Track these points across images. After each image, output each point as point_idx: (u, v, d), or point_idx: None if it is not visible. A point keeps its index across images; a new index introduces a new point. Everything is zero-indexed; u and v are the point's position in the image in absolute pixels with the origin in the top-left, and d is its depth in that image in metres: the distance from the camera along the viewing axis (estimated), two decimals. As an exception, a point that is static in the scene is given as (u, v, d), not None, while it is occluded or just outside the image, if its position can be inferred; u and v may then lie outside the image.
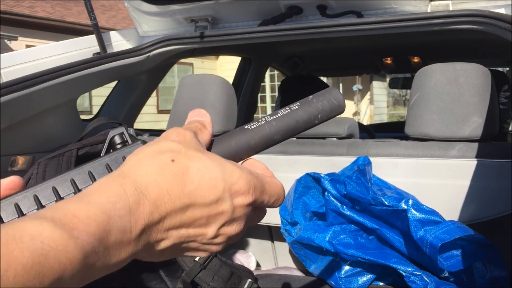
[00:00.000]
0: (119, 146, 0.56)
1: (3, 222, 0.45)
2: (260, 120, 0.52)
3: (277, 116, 0.52)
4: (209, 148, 0.50)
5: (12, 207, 0.45)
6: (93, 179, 0.49)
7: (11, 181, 0.46)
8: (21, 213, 0.45)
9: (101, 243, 0.35)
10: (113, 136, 0.56)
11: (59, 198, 0.47)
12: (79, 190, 0.48)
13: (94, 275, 0.36)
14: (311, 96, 0.54)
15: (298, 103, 0.53)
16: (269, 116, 0.52)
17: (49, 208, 0.36)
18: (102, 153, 0.54)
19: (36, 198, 0.46)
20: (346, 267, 1.43)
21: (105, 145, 0.56)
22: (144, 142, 0.52)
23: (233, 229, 0.44)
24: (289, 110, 0.53)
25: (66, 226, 0.34)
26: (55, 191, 0.47)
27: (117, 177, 0.40)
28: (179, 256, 0.45)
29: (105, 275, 0.38)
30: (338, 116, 0.57)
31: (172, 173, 0.41)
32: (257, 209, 0.47)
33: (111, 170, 0.49)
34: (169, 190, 0.40)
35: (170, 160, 0.41)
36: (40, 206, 0.46)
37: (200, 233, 0.43)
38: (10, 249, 0.30)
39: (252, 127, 0.51)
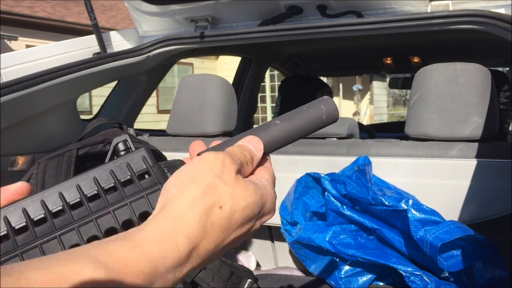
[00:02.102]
0: (122, 152, 0.57)
1: (11, 226, 0.46)
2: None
3: (275, 126, 0.55)
4: None
5: (20, 212, 0.47)
6: (98, 185, 0.50)
7: (19, 187, 0.47)
8: (28, 218, 0.47)
9: None
10: (117, 143, 0.58)
11: (65, 203, 0.48)
12: (85, 196, 0.49)
13: None
14: (305, 107, 0.56)
15: (293, 115, 0.56)
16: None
17: (102, 249, 0.38)
18: (107, 160, 0.55)
19: (43, 203, 0.48)
20: (346, 267, 1.43)
21: (109, 152, 0.58)
22: (147, 149, 0.53)
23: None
24: (286, 122, 0.55)
25: (118, 276, 0.36)
26: (61, 196, 0.49)
27: (171, 228, 0.41)
28: None
29: None
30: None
31: (220, 223, 0.43)
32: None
33: (115, 176, 0.51)
34: (215, 239, 0.43)
35: (219, 207, 0.43)
36: (47, 211, 0.48)
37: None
38: None
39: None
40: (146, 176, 0.52)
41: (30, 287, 0.31)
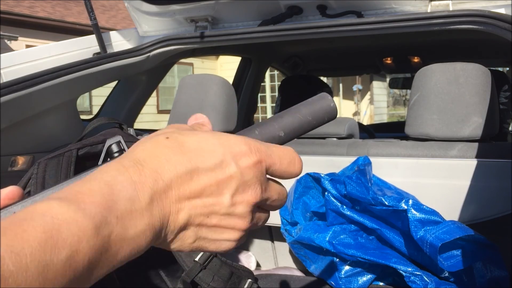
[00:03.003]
0: (116, 154, 0.56)
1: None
2: (255, 130, 0.52)
3: (266, 127, 0.52)
4: None
5: None
6: None
7: (10, 191, 0.46)
8: None
9: (111, 213, 0.36)
10: (110, 145, 0.57)
11: None
12: None
13: (116, 250, 0.36)
14: (302, 106, 0.54)
15: (289, 112, 0.53)
16: (258, 129, 0.52)
17: (58, 192, 0.37)
18: (100, 162, 0.54)
19: None
20: (346, 267, 1.43)
21: (103, 154, 0.57)
22: None
23: (250, 194, 0.43)
24: (281, 120, 0.53)
25: (72, 200, 0.35)
26: None
27: (117, 160, 0.41)
28: (211, 245, 0.44)
29: (109, 272, 0.37)
30: (338, 116, 0.57)
31: (168, 146, 0.41)
32: (273, 176, 0.46)
33: None
34: (168, 158, 0.40)
35: (165, 138, 0.42)
36: None
37: (214, 202, 0.41)
38: (23, 229, 0.31)
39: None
40: None
41: None
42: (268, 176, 0.46)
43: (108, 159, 0.54)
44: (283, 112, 0.53)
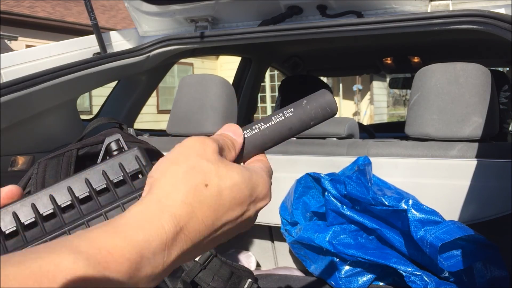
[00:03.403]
0: (115, 152, 0.56)
1: (3, 233, 0.45)
2: (254, 128, 0.51)
3: (270, 124, 0.52)
4: None
5: (10, 216, 0.46)
6: (90, 187, 0.49)
7: (9, 190, 0.46)
8: (19, 222, 0.45)
9: (131, 280, 0.36)
10: (109, 143, 0.56)
11: (56, 206, 0.47)
12: (76, 198, 0.48)
13: None
14: (304, 101, 0.54)
15: (292, 109, 0.53)
16: (262, 123, 0.52)
17: (84, 237, 0.36)
18: (99, 160, 0.54)
19: (34, 207, 0.47)
20: (346, 267, 1.43)
21: (101, 152, 0.56)
22: (140, 148, 0.52)
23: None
24: (283, 118, 0.52)
25: (100, 265, 0.34)
26: (52, 199, 0.48)
27: (155, 209, 0.40)
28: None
29: None
30: (338, 116, 0.57)
31: (207, 201, 0.42)
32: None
33: (108, 177, 0.49)
34: (205, 219, 0.41)
35: (204, 185, 0.42)
36: (38, 214, 0.46)
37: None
38: (41, 285, 0.31)
39: (246, 135, 0.51)
40: (140, 176, 0.50)
41: (6, 286, 0.29)
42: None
43: (108, 157, 0.54)
44: (284, 109, 0.53)
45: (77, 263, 0.33)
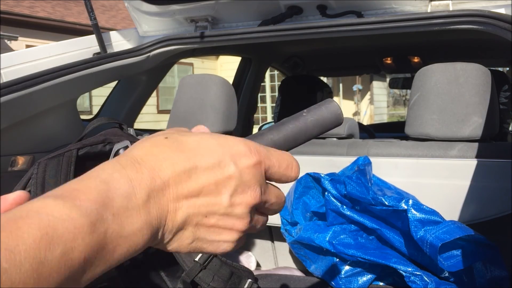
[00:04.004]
0: None
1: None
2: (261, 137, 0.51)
3: (272, 136, 0.51)
4: None
5: None
6: None
7: (17, 196, 0.46)
8: None
9: (107, 210, 0.36)
10: (118, 150, 0.56)
11: None
12: None
13: (112, 248, 0.36)
14: (307, 112, 0.52)
15: (295, 121, 0.52)
16: (266, 135, 0.51)
17: (55, 190, 0.37)
18: None
19: None
20: (346, 267, 1.43)
21: (110, 158, 0.57)
22: None
23: (249, 195, 0.42)
24: (286, 129, 0.51)
25: (68, 197, 0.35)
26: None
27: (115, 159, 0.40)
28: (209, 246, 0.43)
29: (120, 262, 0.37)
30: None
31: (166, 145, 0.41)
32: (270, 179, 0.46)
33: None
34: (166, 156, 0.40)
35: (163, 137, 0.42)
36: None
37: (213, 202, 0.41)
38: (18, 226, 0.31)
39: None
40: None
41: None
42: (266, 181, 0.46)
43: None
44: (287, 119, 0.53)
45: (45, 201, 0.34)
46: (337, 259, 1.43)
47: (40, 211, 0.33)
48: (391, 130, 3.50)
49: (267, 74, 10.22)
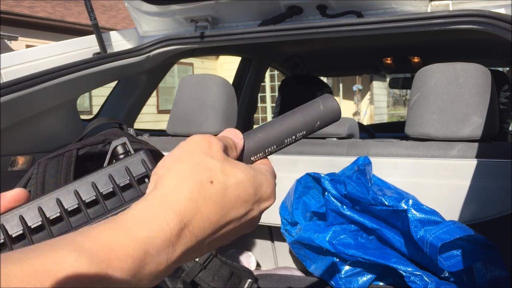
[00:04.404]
0: (121, 156, 0.55)
1: (10, 236, 0.45)
2: (254, 133, 0.51)
3: (270, 129, 0.52)
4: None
5: (17, 219, 0.46)
6: (96, 190, 0.48)
7: (16, 194, 0.46)
8: (25, 225, 0.45)
9: (135, 277, 0.35)
10: (116, 146, 0.56)
11: (63, 210, 0.47)
12: (83, 202, 0.48)
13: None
14: (306, 106, 0.53)
15: (293, 115, 0.52)
16: (263, 129, 0.52)
17: (87, 234, 0.35)
18: (105, 164, 0.54)
19: (41, 210, 0.47)
20: (346, 267, 1.43)
21: (108, 156, 0.56)
22: (147, 152, 0.51)
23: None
24: (284, 123, 0.52)
25: (103, 263, 0.34)
26: (59, 202, 0.47)
27: (160, 205, 0.39)
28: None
29: None
30: None
31: (213, 198, 0.41)
32: None
33: (114, 181, 0.49)
34: (210, 216, 0.41)
35: (209, 181, 0.42)
36: (45, 218, 0.46)
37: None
38: (43, 284, 0.30)
39: (247, 139, 0.51)
40: (146, 180, 0.50)
41: (7, 285, 0.29)
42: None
43: (114, 160, 0.54)
44: (286, 114, 0.53)
45: (80, 260, 0.32)
46: (337, 259, 1.43)
47: (70, 276, 0.32)
48: (391, 130, 3.50)
49: (267, 74, 10.22)
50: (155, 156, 0.53)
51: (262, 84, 4.01)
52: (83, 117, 2.15)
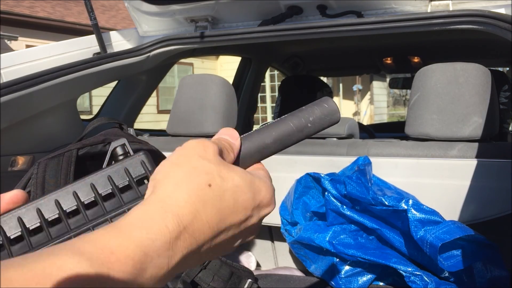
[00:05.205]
0: (121, 157, 0.55)
1: (8, 238, 0.45)
2: (251, 134, 0.51)
3: (268, 131, 0.51)
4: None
5: (15, 220, 0.45)
6: (95, 192, 0.48)
7: (14, 195, 0.46)
8: (24, 227, 0.45)
9: (136, 281, 0.35)
10: (115, 147, 0.56)
11: (62, 212, 0.47)
12: (82, 203, 0.48)
13: None
14: (305, 108, 0.52)
15: (291, 117, 0.52)
16: (260, 130, 0.51)
17: (87, 239, 0.36)
18: (104, 165, 0.53)
19: (39, 212, 0.46)
20: (346, 267, 1.43)
21: (107, 157, 0.56)
22: (146, 153, 0.51)
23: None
24: (281, 125, 0.51)
25: (104, 266, 0.34)
26: (57, 204, 0.47)
27: (159, 209, 0.40)
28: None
29: None
30: None
31: (211, 201, 0.41)
32: None
33: (113, 183, 0.49)
34: (209, 220, 0.41)
35: (207, 185, 0.42)
36: (43, 220, 0.46)
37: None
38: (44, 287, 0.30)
39: (244, 140, 0.50)
40: (145, 181, 0.50)
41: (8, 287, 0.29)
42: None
43: (113, 161, 0.54)
44: (284, 117, 0.53)
45: (80, 264, 0.33)
46: (337, 259, 1.43)
47: (71, 279, 0.32)
48: (391, 130, 3.50)
49: (267, 74, 10.21)
50: (155, 156, 0.53)
51: (262, 84, 4.01)
52: (83, 117, 2.15)
